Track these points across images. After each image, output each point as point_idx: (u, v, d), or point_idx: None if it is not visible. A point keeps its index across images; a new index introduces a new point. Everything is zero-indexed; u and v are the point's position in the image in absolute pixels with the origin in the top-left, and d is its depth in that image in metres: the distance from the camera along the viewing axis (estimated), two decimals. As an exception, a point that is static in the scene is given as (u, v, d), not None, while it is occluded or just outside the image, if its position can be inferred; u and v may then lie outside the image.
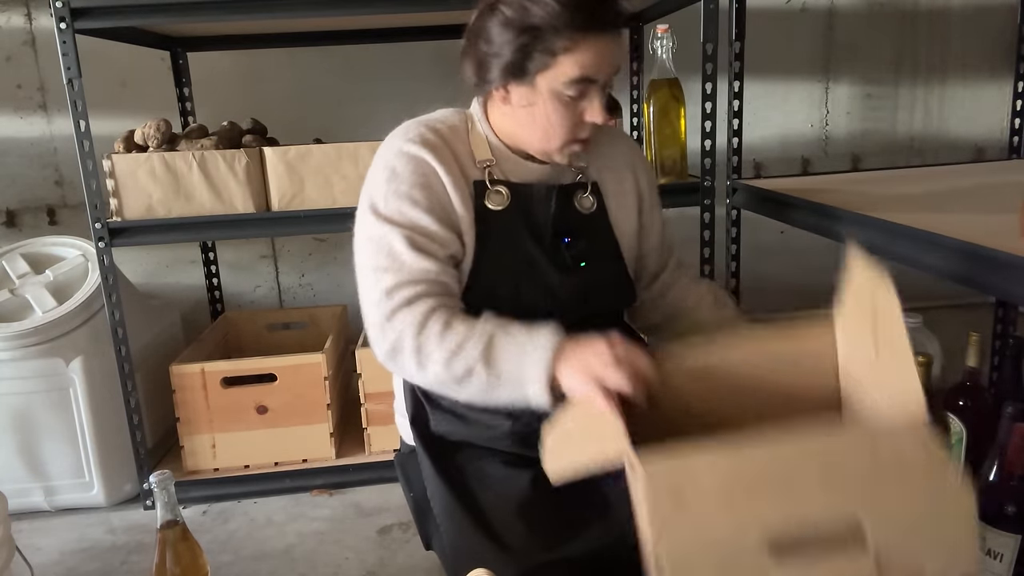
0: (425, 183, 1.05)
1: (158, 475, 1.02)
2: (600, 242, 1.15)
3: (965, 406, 1.37)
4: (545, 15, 0.97)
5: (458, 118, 1.13)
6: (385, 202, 1.05)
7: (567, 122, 1.04)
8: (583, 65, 1.00)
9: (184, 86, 2.16)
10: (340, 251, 2.35)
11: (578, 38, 0.98)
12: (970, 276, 0.98)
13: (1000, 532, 1.03)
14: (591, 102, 1.04)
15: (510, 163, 1.11)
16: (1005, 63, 2.36)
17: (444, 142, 1.09)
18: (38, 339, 1.69)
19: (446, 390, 1.01)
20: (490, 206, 1.08)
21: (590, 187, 1.15)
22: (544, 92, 1.02)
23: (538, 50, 0.99)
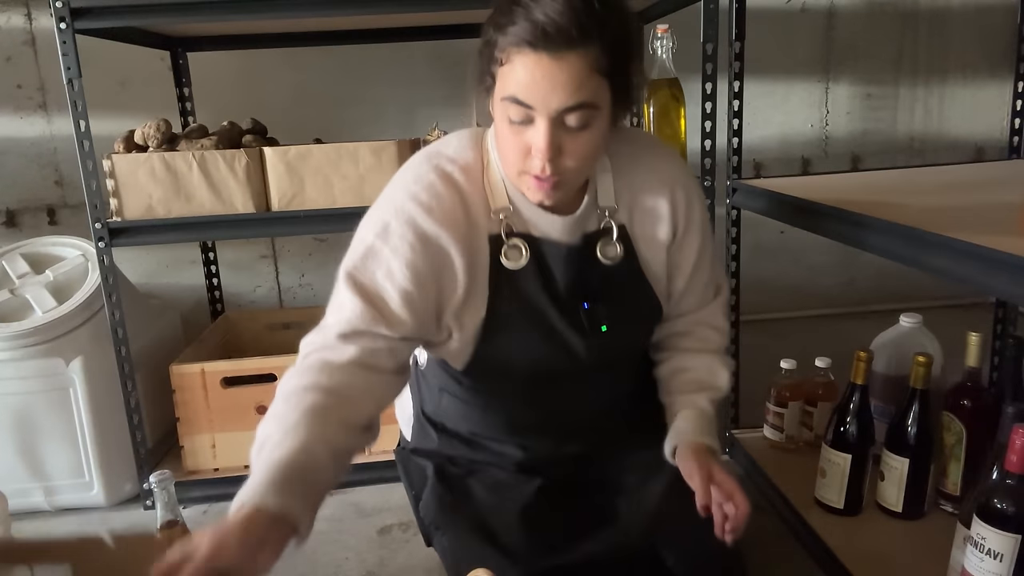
0: (412, 251, 0.96)
1: (158, 475, 1.02)
2: (625, 299, 1.05)
3: (965, 406, 1.37)
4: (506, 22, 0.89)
5: (473, 154, 1.01)
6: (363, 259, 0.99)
7: (511, 147, 0.92)
8: (517, 83, 0.88)
9: (184, 86, 2.16)
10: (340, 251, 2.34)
11: (513, 50, 0.88)
12: (970, 276, 0.98)
13: (1000, 532, 1.03)
14: (535, 133, 0.89)
15: (529, 211, 0.99)
16: (1005, 63, 2.36)
17: (456, 194, 0.98)
18: (38, 339, 1.69)
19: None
20: (507, 264, 0.98)
21: (616, 231, 1.02)
22: (498, 108, 0.93)
23: (488, 59, 0.92)
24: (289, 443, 0.89)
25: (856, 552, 1.32)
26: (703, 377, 1.11)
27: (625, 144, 1.04)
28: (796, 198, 1.46)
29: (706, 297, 1.13)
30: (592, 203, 1.01)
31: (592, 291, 1.02)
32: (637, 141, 1.08)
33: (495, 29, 0.90)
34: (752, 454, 1.71)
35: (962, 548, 1.11)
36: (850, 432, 1.40)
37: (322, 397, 0.94)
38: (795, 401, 1.67)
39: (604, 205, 1.02)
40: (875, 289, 2.56)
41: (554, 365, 1.03)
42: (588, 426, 1.11)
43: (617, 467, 1.11)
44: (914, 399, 1.35)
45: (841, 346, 1.60)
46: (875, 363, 1.47)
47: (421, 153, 1.03)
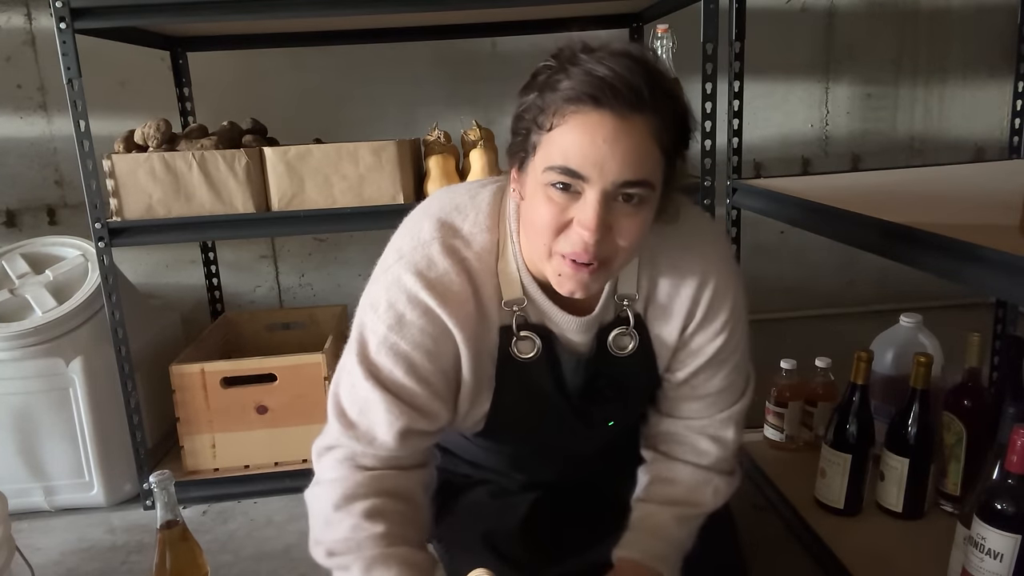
0: (432, 341, 0.88)
1: (158, 475, 1.02)
2: (634, 391, 1.00)
3: (965, 406, 1.37)
4: (547, 82, 0.79)
5: (490, 237, 0.90)
6: (377, 354, 0.89)
7: (553, 225, 0.80)
8: (567, 148, 0.77)
9: (184, 86, 2.16)
10: (340, 251, 2.35)
11: (569, 108, 0.77)
12: (970, 276, 0.97)
13: (1000, 532, 1.03)
14: (581, 208, 0.78)
15: (543, 305, 0.91)
16: (1005, 63, 2.36)
17: (468, 283, 0.89)
18: (38, 339, 1.69)
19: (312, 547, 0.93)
20: (517, 354, 0.92)
21: (633, 320, 0.94)
22: (534, 182, 0.82)
23: (528, 126, 0.81)
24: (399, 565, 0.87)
25: (856, 552, 1.32)
26: (681, 494, 1.01)
27: (661, 231, 0.91)
28: (796, 198, 1.46)
29: (713, 409, 1.01)
30: (611, 294, 0.93)
31: (603, 389, 0.97)
32: (677, 229, 0.93)
33: (540, 91, 0.80)
34: (752, 454, 1.71)
35: (962, 548, 1.11)
36: (850, 432, 1.40)
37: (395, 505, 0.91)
38: (795, 401, 1.67)
39: (623, 293, 0.93)
40: (875, 289, 2.56)
41: (557, 439, 1.03)
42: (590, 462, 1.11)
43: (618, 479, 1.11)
44: (914, 399, 1.35)
45: (841, 346, 1.60)
46: (875, 363, 1.47)
47: (435, 220, 0.92)
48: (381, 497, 0.90)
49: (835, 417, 1.42)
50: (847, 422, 1.40)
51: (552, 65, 0.80)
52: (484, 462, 1.12)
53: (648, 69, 0.78)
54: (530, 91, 0.82)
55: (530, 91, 0.82)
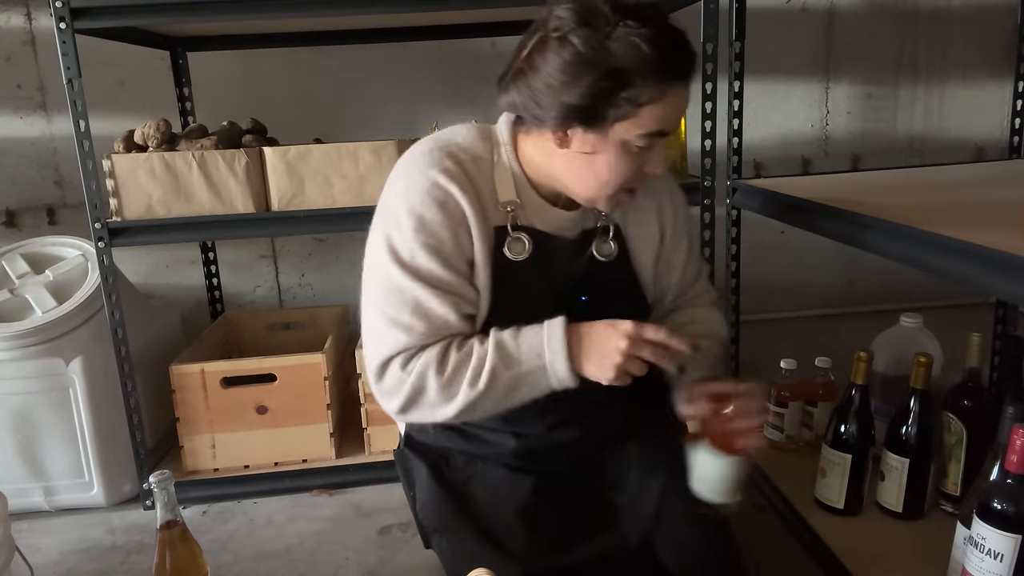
0: (454, 233, 0.97)
1: (158, 475, 1.02)
2: (619, 293, 1.09)
3: (965, 406, 1.37)
4: (634, 59, 0.87)
5: (482, 146, 1.03)
6: (413, 256, 0.97)
7: (628, 173, 0.96)
8: (663, 118, 0.92)
9: (184, 86, 2.16)
10: (340, 251, 2.35)
11: (666, 88, 0.90)
12: (970, 276, 0.98)
13: (1000, 532, 1.03)
14: (654, 153, 0.96)
15: (535, 207, 1.03)
16: (1005, 63, 2.36)
17: (470, 180, 0.99)
18: (38, 339, 1.69)
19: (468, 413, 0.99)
20: (509, 255, 1.01)
21: (612, 230, 1.07)
22: (614, 141, 0.93)
23: (622, 97, 0.89)
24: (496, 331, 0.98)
25: (856, 552, 1.32)
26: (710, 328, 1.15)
27: None
28: (796, 198, 1.46)
29: (698, 280, 1.19)
30: None
31: (589, 286, 1.06)
32: None
33: (621, 74, 0.88)
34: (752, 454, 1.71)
35: (962, 548, 1.11)
36: (850, 432, 1.40)
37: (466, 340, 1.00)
38: (795, 401, 1.67)
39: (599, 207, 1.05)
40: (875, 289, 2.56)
41: None
42: (581, 413, 1.11)
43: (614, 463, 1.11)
44: (914, 399, 1.35)
45: (841, 346, 1.60)
46: (875, 363, 1.47)
47: (430, 141, 1.03)
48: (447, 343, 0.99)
49: (835, 417, 1.42)
50: (847, 422, 1.40)
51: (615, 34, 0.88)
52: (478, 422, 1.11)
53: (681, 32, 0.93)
54: (589, 71, 0.88)
55: (589, 71, 0.88)
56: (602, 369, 0.96)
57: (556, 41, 0.90)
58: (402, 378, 0.98)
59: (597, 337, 0.96)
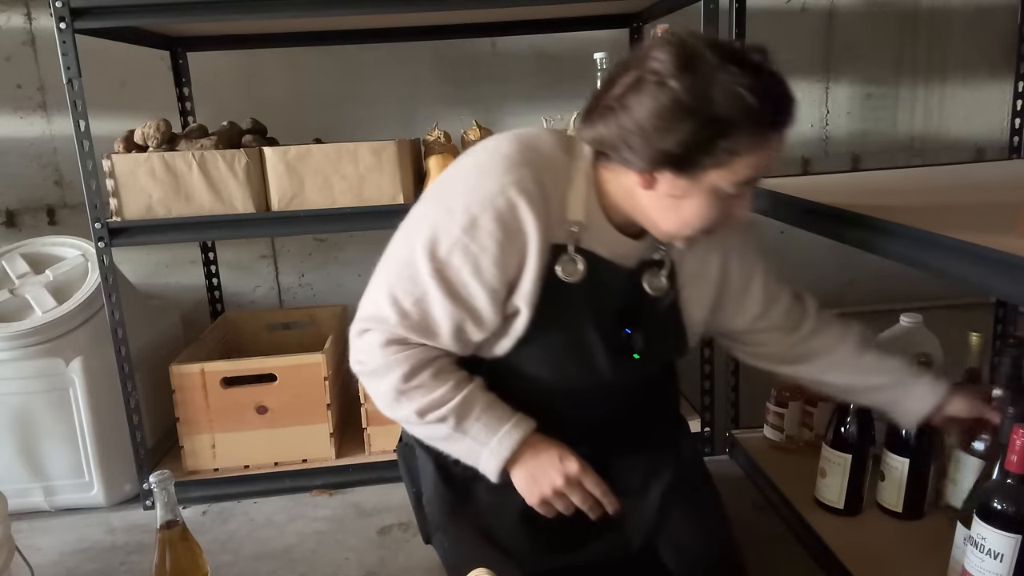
0: (502, 249, 0.94)
1: (158, 475, 1.02)
2: (661, 329, 1.08)
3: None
4: (736, 109, 0.85)
5: (563, 160, 0.99)
6: (448, 253, 0.95)
7: (714, 217, 0.94)
8: (758, 166, 0.90)
9: (184, 86, 2.16)
10: (340, 251, 2.35)
11: (765, 138, 0.88)
12: (970, 276, 0.97)
13: (1000, 532, 1.03)
14: (744, 200, 0.95)
15: (598, 231, 1.00)
16: (1005, 63, 2.36)
17: (544, 195, 0.95)
18: (38, 339, 1.68)
19: (401, 422, 1.03)
20: (561, 275, 0.98)
21: (668, 266, 1.05)
22: (705, 187, 0.91)
23: (720, 147, 0.87)
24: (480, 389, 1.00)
25: (856, 552, 1.32)
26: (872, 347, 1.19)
27: None
28: (796, 198, 1.46)
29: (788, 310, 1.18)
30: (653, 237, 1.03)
31: (634, 318, 1.04)
32: None
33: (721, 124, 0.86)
34: (752, 454, 1.71)
35: (962, 548, 1.11)
36: (850, 432, 1.40)
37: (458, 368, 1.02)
38: (795, 401, 1.67)
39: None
40: (875, 289, 2.56)
41: (577, 378, 1.04)
42: (597, 430, 1.11)
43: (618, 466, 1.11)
44: (914, 399, 1.35)
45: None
46: (875, 363, 1.46)
47: (515, 143, 0.99)
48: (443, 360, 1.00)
49: (835, 417, 1.42)
50: (847, 422, 1.40)
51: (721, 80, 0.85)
52: None
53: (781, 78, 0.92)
54: (690, 118, 0.86)
55: (690, 118, 0.86)
56: (528, 490, 0.98)
57: (654, 85, 0.86)
58: (372, 353, 0.99)
59: (542, 461, 0.98)
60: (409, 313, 0.97)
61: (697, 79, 0.85)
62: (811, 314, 1.19)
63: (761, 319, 1.16)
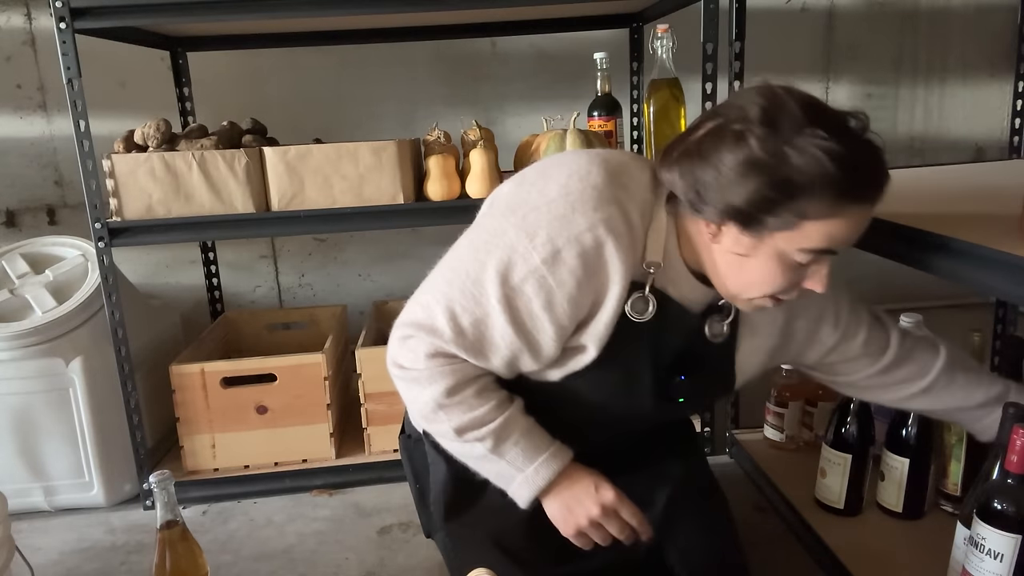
0: (579, 287, 0.91)
1: (158, 475, 1.02)
2: (712, 378, 1.06)
3: (965, 406, 1.36)
4: (811, 174, 0.81)
5: (649, 199, 0.95)
6: (523, 281, 0.91)
7: (781, 284, 0.90)
8: (832, 237, 0.85)
9: (184, 86, 2.16)
10: (340, 251, 2.35)
11: (841, 208, 0.83)
12: (970, 276, 0.97)
13: (1000, 532, 1.03)
14: (819, 271, 0.89)
15: (673, 273, 0.97)
16: (1005, 63, 2.36)
17: (632, 240, 0.93)
18: (38, 339, 1.68)
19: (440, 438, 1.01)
20: (630, 314, 0.96)
21: (732, 314, 1.03)
22: (770, 250, 0.87)
23: (787, 209, 0.83)
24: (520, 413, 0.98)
25: (856, 552, 1.32)
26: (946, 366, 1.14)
27: None
28: (796, 198, 1.46)
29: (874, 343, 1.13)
30: None
31: (692, 365, 1.02)
32: None
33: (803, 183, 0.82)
34: (752, 454, 1.71)
35: (962, 548, 1.11)
36: (850, 432, 1.40)
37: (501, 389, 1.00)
38: (795, 401, 1.67)
39: None
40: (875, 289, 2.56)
41: (616, 411, 1.03)
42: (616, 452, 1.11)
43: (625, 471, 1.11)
44: (914, 399, 1.35)
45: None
46: (875, 363, 1.46)
47: (605, 172, 0.94)
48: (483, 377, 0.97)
49: (835, 417, 1.42)
50: (847, 422, 1.40)
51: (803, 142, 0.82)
52: None
53: (876, 148, 0.86)
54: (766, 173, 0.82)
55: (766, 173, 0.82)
56: (564, 521, 0.97)
57: (733, 135, 0.84)
58: (416, 361, 0.96)
59: (577, 491, 0.96)
60: (465, 332, 0.93)
61: (777, 135, 0.82)
62: (894, 343, 1.14)
63: (833, 353, 1.13)
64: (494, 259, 0.92)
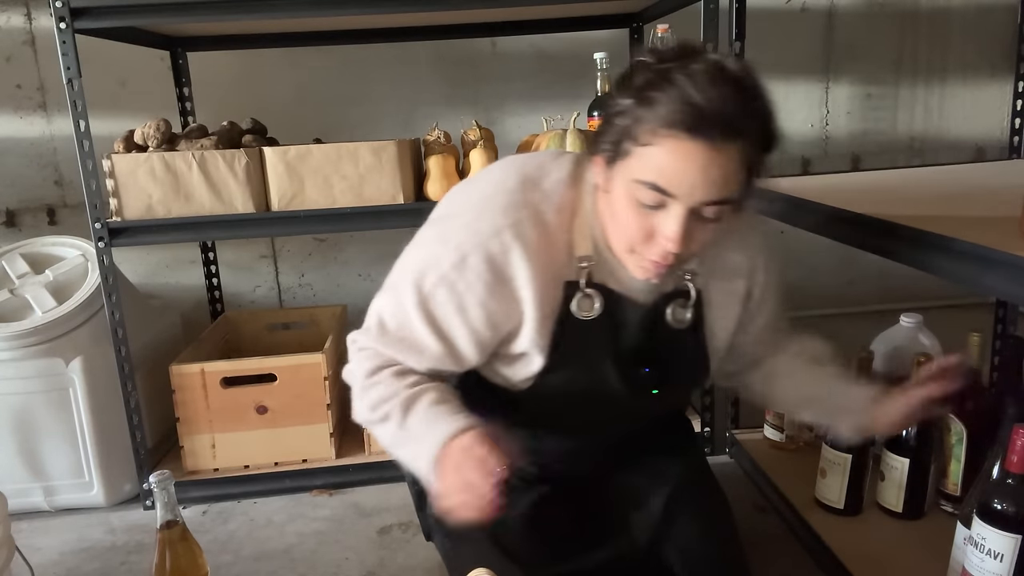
0: (489, 291, 0.92)
1: (158, 475, 1.02)
2: (682, 365, 1.04)
3: (965, 406, 1.37)
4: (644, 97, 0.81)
5: (569, 195, 0.95)
6: (434, 287, 0.93)
7: (633, 228, 0.87)
8: (662, 170, 0.81)
9: (184, 86, 2.16)
10: (340, 251, 2.35)
11: (663, 132, 0.80)
12: (970, 276, 0.97)
13: (1000, 532, 1.03)
14: (666, 221, 0.84)
15: (611, 263, 0.95)
16: (1005, 63, 2.36)
17: (544, 235, 0.92)
18: (38, 339, 1.68)
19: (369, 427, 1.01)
20: (576, 313, 0.95)
21: (693, 297, 1.00)
22: (620, 184, 0.86)
23: (624, 133, 0.83)
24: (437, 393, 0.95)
25: (856, 552, 1.32)
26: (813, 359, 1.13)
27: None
28: (796, 198, 1.46)
29: (766, 347, 1.15)
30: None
31: (654, 355, 1.01)
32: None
33: (638, 102, 0.82)
34: (752, 454, 1.71)
35: (962, 548, 1.11)
36: (850, 432, 1.39)
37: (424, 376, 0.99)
38: (795, 401, 1.66)
39: (687, 268, 0.99)
40: (875, 289, 2.56)
41: (597, 410, 1.03)
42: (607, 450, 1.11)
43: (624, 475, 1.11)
44: (914, 399, 1.35)
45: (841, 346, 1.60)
46: (875, 363, 1.47)
47: (517, 176, 0.95)
48: (409, 370, 0.98)
49: (835, 417, 1.42)
50: (847, 422, 1.40)
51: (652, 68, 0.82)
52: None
53: (745, 95, 0.81)
54: (626, 94, 0.84)
55: (626, 94, 0.84)
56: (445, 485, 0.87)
57: (641, 66, 0.85)
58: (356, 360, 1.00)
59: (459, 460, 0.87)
60: (392, 333, 0.97)
61: (658, 69, 0.82)
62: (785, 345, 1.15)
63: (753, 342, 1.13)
64: (413, 267, 0.95)
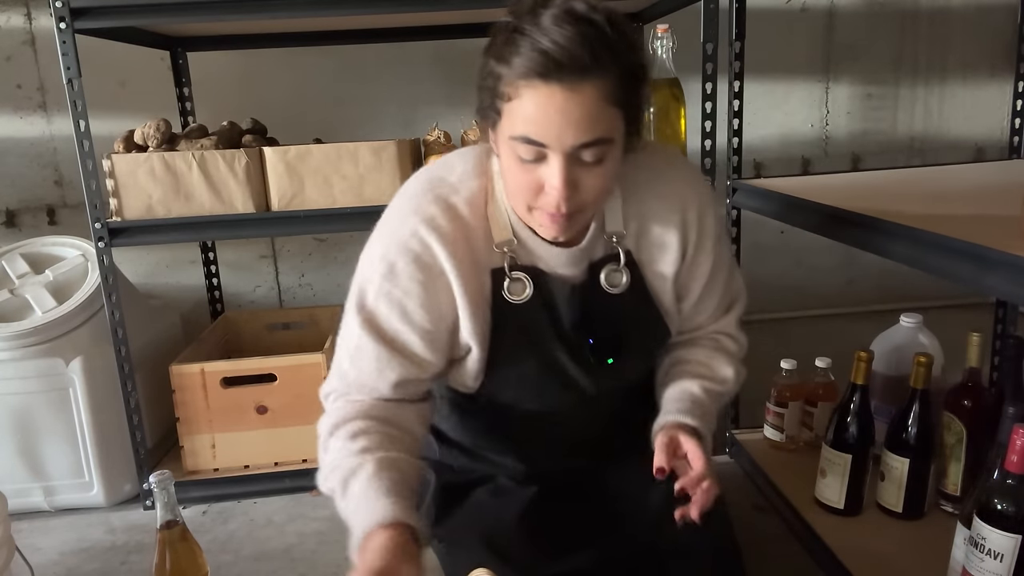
0: (425, 288, 0.93)
1: (158, 475, 1.02)
2: (632, 328, 1.01)
3: (965, 406, 1.37)
4: (500, 52, 0.81)
5: (476, 184, 0.95)
6: (375, 302, 0.95)
7: (523, 186, 0.86)
8: (528, 120, 0.81)
9: (184, 86, 2.16)
10: (340, 251, 2.35)
11: (521, 83, 0.80)
12: (970, 276, 0.98)
13: (1000, 532, 1.03)
14: (548, 171, 0.83)
15: (532, 243, 0.95)
16: (1005, 63, 2.36)
17: (459, 227, 0.93)
18: (38, 339, 1.68)
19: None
20: (509, 298, 0.95)
21: (624, 257, 0.98)
22: (504, 142, 0.86)
23: (492, 92, 0.84)
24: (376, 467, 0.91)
25: (856, 552, 1.32)
26: (701, 369, 1.06)
27: (635, 167, 0.96)
28: (796, 198, 1.46)
29: (718, 313, 1.09)
30: (599, 229, 0.98)
31: (598, 324, 0.99)
32: (648, 162, 0.99)
33: (497, 60, 0.83)
34: (752, 454, 1.71)
35: (962, 548, 1.11)
36: (850, 432, 1.40)
37: (381, 427, 0.96)
38: (795, 401, 1.67)
39: (612, 231, 0.97)
40: (875, 289, 2.56)
41: (561, 396, 1.02)
42: (592, 442, 1.11)
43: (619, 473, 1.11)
44: (914, 399, 1.35)
45: (841, 346, 1.60)
46: (875, 363, 1.47)
47: (423, 179, 0.98)
48: (367, 420, 0.96)
49: (835, 417, 1.42)
50: (847, 422, 1.40)
51: (508, 25, 0.83)
52: (483, 442, 1.12)
53: (594, 32, 0.79)
54: (490, 57, 0.85)
55: (490, 57, 0.85)
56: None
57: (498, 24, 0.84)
58: (325, 414, 1.03)
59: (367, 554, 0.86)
60: (348, 372, 0.98)
61: (512, 24, 0.81)
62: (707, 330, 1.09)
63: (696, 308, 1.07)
64: (352, 294, 0.97)
